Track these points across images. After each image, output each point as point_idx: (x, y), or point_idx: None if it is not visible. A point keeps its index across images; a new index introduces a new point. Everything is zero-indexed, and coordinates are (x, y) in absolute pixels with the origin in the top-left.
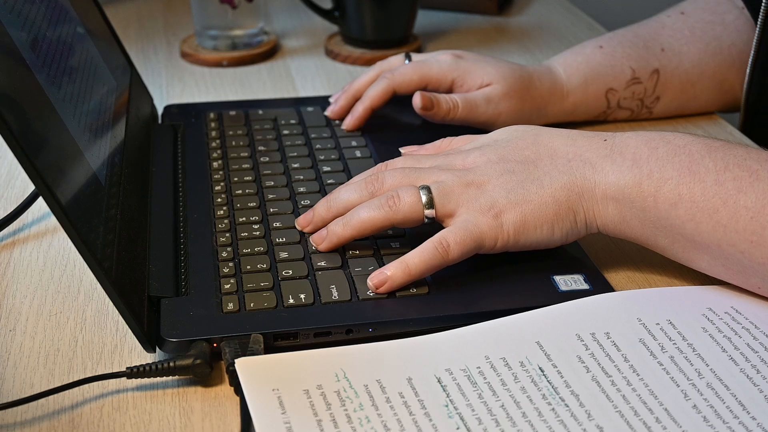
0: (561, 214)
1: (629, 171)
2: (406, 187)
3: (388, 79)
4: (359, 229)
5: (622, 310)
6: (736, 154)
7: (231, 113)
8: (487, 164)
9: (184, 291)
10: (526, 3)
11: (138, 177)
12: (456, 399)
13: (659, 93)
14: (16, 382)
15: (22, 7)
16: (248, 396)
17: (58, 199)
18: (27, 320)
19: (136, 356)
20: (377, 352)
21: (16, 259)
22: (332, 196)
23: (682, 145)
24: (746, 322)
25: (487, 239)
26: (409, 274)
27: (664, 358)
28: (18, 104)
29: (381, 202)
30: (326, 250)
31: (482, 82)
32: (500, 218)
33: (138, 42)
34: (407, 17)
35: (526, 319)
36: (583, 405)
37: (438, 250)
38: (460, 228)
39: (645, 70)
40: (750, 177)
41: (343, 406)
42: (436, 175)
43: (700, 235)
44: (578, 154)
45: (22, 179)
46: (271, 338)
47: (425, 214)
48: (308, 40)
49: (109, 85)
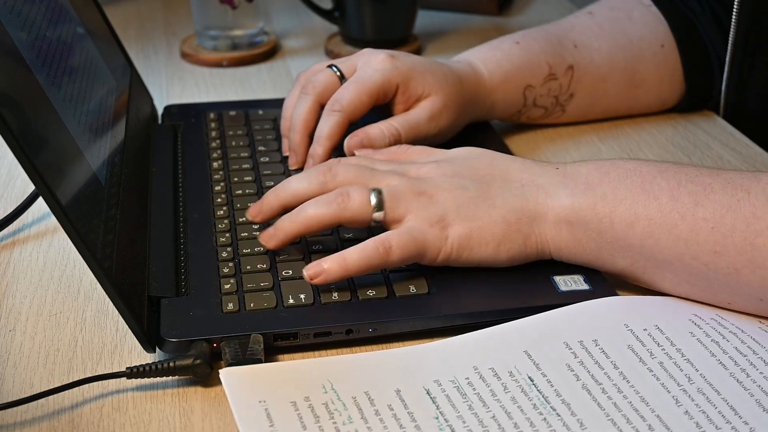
0: (509, 235)
1: (583, 195)
2: (358, 187)
3: (339, 112)
4: (307, 225)
5: (609, 316)
6: (687, 171)
7: (231, 113)
8: (441, 177)
9: (184, 291)
10: (526, 3)
11: (138, 177)
12: (446, 411)
13: (573, 90)
14: (16, 382)
15: (22, 7)
16: (235, 408)
17: (58, 199)
18: (27, 320)
19: (136, 356)
20: (364, 363)
21: (16, 259)
22: (281, 185)
23: (632, 168)
24: (732, 326)
25: (430, 249)
26: (346, 269)
27: (653, 364)
28: (18, 104)
29: (330, 199)
30: (275, 248)
31: (423, 92)
32: (446, 231)
33: (138, 42)
34: (407, 17)
35: (514, 328)
36: (574, 414)
37: (379, 250)
38: (405, 233)
39: (560, 66)
40: (705, 190)
41: (332, 418)
42: (390, 178)
43: (661, 252)
44: (531, 179)
45: (22, 179)
46: (271, 338)
47: (373, 216)
48: (308, 40)
49: (109, 85)
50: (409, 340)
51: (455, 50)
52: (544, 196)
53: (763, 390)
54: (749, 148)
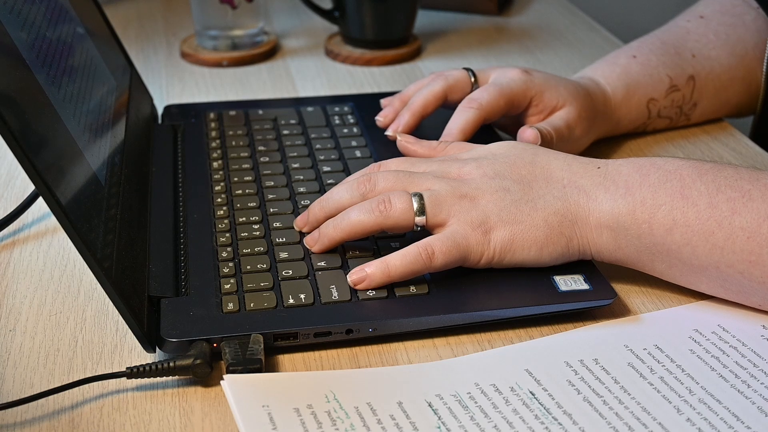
0: (552, 238)
1: (622, 199)
2: (399, 193)
3: (476, 109)
4: (349, 232)
5: (609, 338)
6: (726, 175)
7: (231, 113)
8: (482, 178)
9: (184, 291)
10: (526, 3)
11: (138, 177)
12: (448, 422)
13: (696, 99)
14: (16, 382)
15: (22, 7)
16: (237, 411)
17: (58, 199)
18: (27, 320)
19: (136, 356)
20: (365, 377)
21: (16, 259)
22: (326, 196)
23: (672, 170)
24: (734, 340)
25: (473, 254)
26: (389, 275)
27: (654, 379)
28: (18, 104)
29: (372, 206)
30: (319, 251)
31: (557, 103)
32: (489, 235)
33: (138, 42)
34: (407, 17)
35: (513, 350)
36: (576, 423)
37: (422, 255)
38: (448, 238)
39: (681, 78)
40: (743, 197)
41: (334, 425)
42: (430, 182)
43: (697, 259)
44: (573, 180)
45: (22, 179)
46: (271, 338)
47: (416, 221)
48: (308, 40)
49: (109, 85)
50: (409, 340)
51: (455, 50)
52: (585, 199)
53: (765, 398)
54: (749, 148)
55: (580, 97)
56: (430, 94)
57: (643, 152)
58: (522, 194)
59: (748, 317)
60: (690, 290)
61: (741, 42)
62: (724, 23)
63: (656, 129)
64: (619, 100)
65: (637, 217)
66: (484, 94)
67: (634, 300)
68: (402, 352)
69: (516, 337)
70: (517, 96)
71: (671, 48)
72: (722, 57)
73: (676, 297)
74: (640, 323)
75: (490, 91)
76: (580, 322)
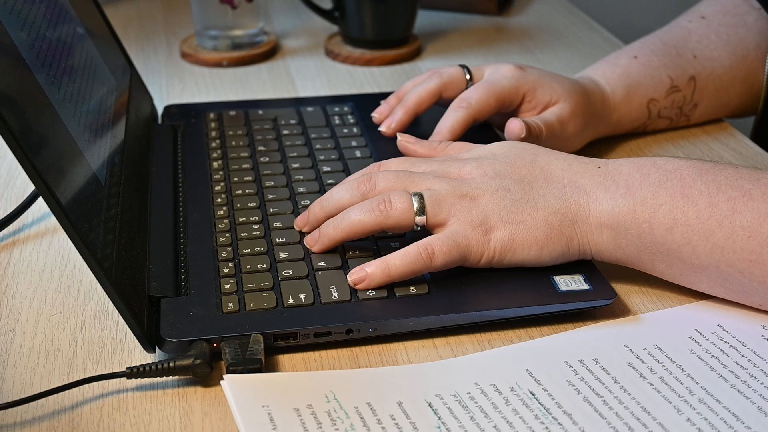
0: (552, 237)
1: (623, 198)
2: (399, 192)
3: (466, 108)
4: (349, 232)
5: (609, 338)
6: (727, 174)
7: (231, 113)
8: (482, 178)
9: (184, 291)
10: (526, 3)
11: (138, 177)
12: (448, 422)
13: (696, 100)
14: (16, 382)
15: (22, 7)
16: (237, 411)
17: (58, 199)
18: (27, 320)
19: (136, 356)
20: (365, 377)
21: (16, 259)
22: (326, 196)
23: (672, 170)
24: (733, 340)
25: (473, 253)
26: (389, 274)
27: (654, 379)
28: (18, 104)
29: (372, 206)
30: (319, 251)
31: (550, 99)
32: (489, 234)
33: (138, 42)
34: (407, 17)
35: (513, 350)
36: (576, 423)
37: (422, 255)
38: (449, 238)
39: (682, 78)
40: (743, 197)
41: (334, 425)
42: (430, 182)
43: (697, 258)
44: (573, 180)
45: (22, 179)
46: (271, 338)
47: (416, 221)
48: (308, 40)
49: (109, 85)
50: (409, 340)
51: (455, 50)
52: (586, 199)
53: (765, 398)
54: (749, 148)
55: (575, 94)
56: (424, 91)
57: (643, 152)
58: (522, 194)
59: (748, 317)
60: (690, 290)
61: (742, 43)
62: (725, 24)
63: (656, 129)
64: (618, 100)
65: (637, 217)
66: (474, 94)
67: (634, 300)
68: (402, 352)
69: (516, 337)
70: (509, 93)
71: (672, 49)
72: (723, 58)
73: (676, 297)
74: (640, 323)
75: (480, 91)
76: (580, 322)
